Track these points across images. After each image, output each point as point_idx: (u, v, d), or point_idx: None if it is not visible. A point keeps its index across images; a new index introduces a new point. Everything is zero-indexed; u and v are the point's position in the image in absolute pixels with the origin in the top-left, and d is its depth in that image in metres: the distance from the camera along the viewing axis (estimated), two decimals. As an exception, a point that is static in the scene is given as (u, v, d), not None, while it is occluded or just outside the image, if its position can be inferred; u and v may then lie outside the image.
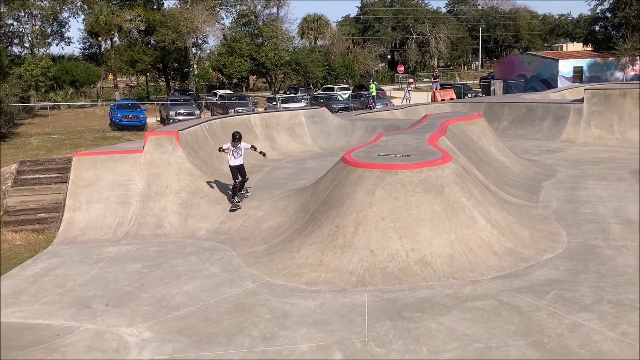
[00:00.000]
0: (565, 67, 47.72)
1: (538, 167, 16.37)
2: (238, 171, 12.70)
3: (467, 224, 9.72)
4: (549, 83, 46.35)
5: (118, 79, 56.96)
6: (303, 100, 37.91)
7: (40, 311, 8.69)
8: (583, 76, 47.96)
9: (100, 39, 50.68)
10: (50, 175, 15.97)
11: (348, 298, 8.41)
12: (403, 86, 46.25)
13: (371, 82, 36.81)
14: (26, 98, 39.49)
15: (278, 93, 48.69)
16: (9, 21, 43.06)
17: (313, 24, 64.46)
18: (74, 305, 8.82)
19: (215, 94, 42.66)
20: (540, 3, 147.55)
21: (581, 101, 21.88)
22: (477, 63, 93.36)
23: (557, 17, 72.70)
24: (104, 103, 40.43)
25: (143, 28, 49.90)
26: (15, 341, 7.66)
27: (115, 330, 7.87)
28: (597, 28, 55.45)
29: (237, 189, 12.77)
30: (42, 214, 14.19)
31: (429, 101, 37.19)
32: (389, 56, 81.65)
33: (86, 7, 49.05)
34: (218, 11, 54.44)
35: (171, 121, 29.64)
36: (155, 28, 48.10)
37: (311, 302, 8.35)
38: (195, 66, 51.49)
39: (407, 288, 8.56)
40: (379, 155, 11.64)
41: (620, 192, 13.18)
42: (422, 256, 9.16)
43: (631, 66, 48.75)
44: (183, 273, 9.97)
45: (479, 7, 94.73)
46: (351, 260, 9.31)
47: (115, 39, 51.56)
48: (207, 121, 19.33)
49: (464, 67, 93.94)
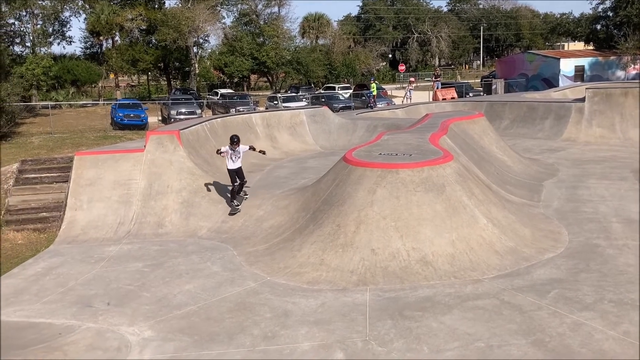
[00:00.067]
0: (566, 66, 47.66)
1: (539, 166, 16.36)
2: (236, 174, 12.57)
3: (469, 223, 9.72)
4: (551, 82, 46.29)
5: (119, 78, 56.95)
6: (304, 99, 37.92)
7: (41, 310, 8.71)
8: (584, 75, 47.89)
9: (101, 38, 50.73)
10: (51, 174, 16.00)
11: (349, 297, 8.41)
12: (404, 85, 46.18)
13: (372, 82, 36.81)
14: (28, 97, 39.52)
15: (279, 92, 48.68)
16: (11, 20, 43.15)
17: (314, 23, 64.43)
18: (76, 304, 8.84)
19: (216, 93, 42.66)
20: (541, 2, 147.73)
21: (583, 100, 21.86)
22: (479, 62, 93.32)
23: (559, 16, 72.52)
24: (106, 102, 40.45)
25: (144, 27, 49.91)
26: (17, 340, 7.68)
27: (116, 329, 7.88)
28: (599, 27, 55.37)
29: (236, 192, 12.68)
30: (44, 213, 14.21)
31: (430, 100, 37.16)
32: (390, 55, 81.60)
33: (87, 7, 49.11)
34: (219, 10, 54.45)
35: (172, 120, 29.66)
36: (156, 27, 48.14)
37: (312, 301, 8.35)
38: (196, 65, 51.52)
39: (408, 287, 8.56)
40: (380, 154, 11.64)
41: (621, 191, 13.18)
42: (423, 255, 9.16)
43: (633, 65, 48.65)
44: (184, 272, 9.98)
45: (481, 6, 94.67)
46: (352, 259, 9.31)
47: (116, 38, 51.60)
48: (209, 120, 19.35)
49: (465, 66, 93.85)
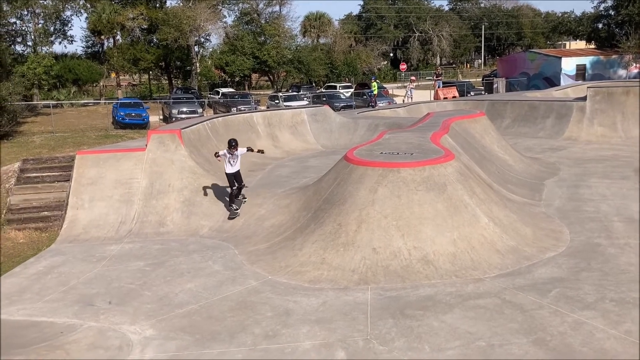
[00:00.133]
0: (568, 65, 47.64)
1: (541, 165, 16.34)
2: (234, 178, 12.38)
3: (470, 222, 9.72)
4: (552, 81, 46.28)
5: (121, 78, 57.01)
6: (305, 98, 37.94)
7: (43, 309, 8.72)
8: (586, 74, 47.87)
9: (102, 38, 50.79)
10: (53, 173, 16.04)
11: (350, 296, 8.41)
12: (405, 84, 46.15)
13: (373, 81, 36.81)
14: (29, 96, 39.58)
15: (280, 91, 48.70)
16: (12, 20, 43.20)
17: (315, 22, 64.45)
18: (77, 303, 8.85)
19: (217, 92, 42.69)
20: (543, 1, 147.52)
21: (584, 99, 21.83)
22: (480, 61, 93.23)
23: (560, 15, 72.48)
24: (107, 101, 40.47)
25: (145, 26, 49.94)
26: (18, 339, 7.69)
27: (118, 328, 7.89)
28: (600, 26, 55.35)
29: (235, 196, 12.54)
30: (45, 212, 14.24)
31: (432, 99, 37.15)
32: (392, 54, 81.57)
33: (89, 6, 49.16)
34: (220, 9, 54.46)
35: (174, 119, 29.70)
36: (157, 26, 48.17)
37: (314, 300, 8.36)
38: (197, 64, 51.54)
39: (410, 286, 8.56)
40: (382, 153, 11.63)
41: (623, 190, 13.16)
42: (425, 254, 9.16)
43: (634, 64, 48.61)
44: (186, 271, 9.99)
45: (482, 5, 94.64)
46: (353, 258, 9.31)
47: (117, 38, 51.65)
48: (210, 119, 19.34)
49: (467, 65, 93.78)
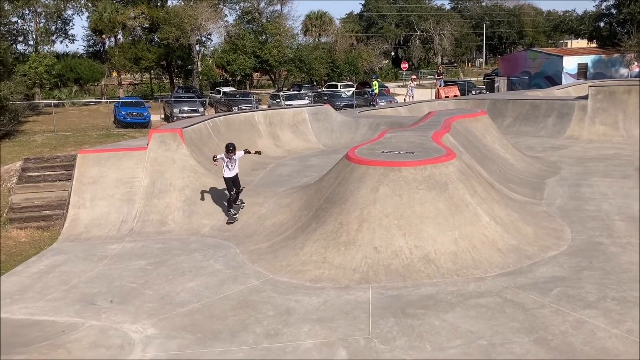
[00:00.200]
0: (569, 64, 47.55)
1: (542, 164, 16.33)
2: (232, 183, 12.26)
3: (471, 221, 9.72)
4: (553, 80, 46.20)
5: (122, 77, 57.06)
6: (306, 97, 37.89)
7: (45, 308, 8.74)
8: (587, 73, 47.78)
9: (104, 37, 50.79)
10: (54, 172, 16.07)
11: (352, 295, 8.42)
12: (407, 83, 46.11)
13: (373, 79, 36.78)
14: (30, 96, 39.62)
15: (282, 90, 48.68)
16: (14, 19, 43.26)
17: (316, 21, 64.41)
18: (79, 302, 8.87)
19: (219, 92, 42.63)
20: (544, 0, 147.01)
21: (586, 98, 21.78)
22: (481, 60, 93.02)
23: (562, 14, 72.47)
24: (108, 100, 40.49)
25: (147, 25, 49.93)
26: (20, 337, 7.70)
27: (119, 326, 7.90)
28: (602, 24, 55.26)
29: (233, 201, 12.38)
30: (47, 211, 14.27)
31: (433, 98, 37.12)
32: (393, 53, 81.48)
33: (90, 5, 49.19)
34: (221, 8, 54.38)
35: (175, 118, 29.70)
36: (159, 25, 48.16)
37: (315, 299, 8.36)
38: (199, 63, 51.51)
39: (411, 285, 8.57)
40: (383, 152, 11.63)
41: (624, 189, 13.14)
42: (426, 253, 9.16)
43: (636, 63, 48.50)
44: (187, 270, 10.00)
45: (483, 4, 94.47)
46: (355, 257, 9.32)
47: (119, 37, 51.66)
48: (211, 118, 19.36)
49: (468, 64, 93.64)
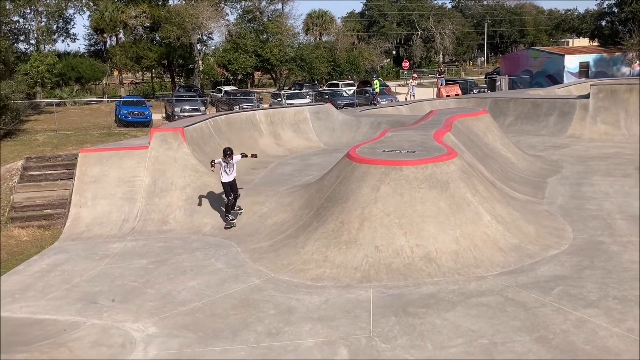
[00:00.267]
0: (571, 63, 47.45)
1: (543, 163, 16.32)
2: (230, 187, 12.08)
3: (473, 220, 9.71)
4: (555, 79, 46.12)
5: (123, 76, 57.10)
6: (308, 96, 37.87)
7: (47, 306, 8.75)
8: (589, 71, 47.69)
9: (105, 36, 50.84)
10: (56, 171, 16.08)
11: (353, 294, 8.42)
12: (408, 82, 46.07)
13: (374, 78, 36.74)
14: (32, 95, 39.67)
15: (283, 89, 48.68)
16: (15, 18, 43.31)
17: (318, 20, 64.41)
18: (80, 300, 8.88)
19: (220, 90, 42.67)
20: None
21: (587, 97, 21.75)
22: (483, 58, 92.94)
23: (563, 12, 72.42)
24: (110, 99, 40.50)
25: (148, 24, 49.95)
26: (22, 336, 7.72)
27: (121, 325, 7.91)
28: (604, 23, 55.16)
29: (231, 207, 12.21)
30: (48, 210, 14.28)
31: (434, 97, 37.08)
32: (394, 52, 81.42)
33: (91, 4, 49.23)
34: (223, 7, 54.42)
35: (176, 117, 29.71)
36: (160, 24, 48.18)
37: (316, 298, 8.37)
38: (200, 62, 51.52)
39: (412, 284, 8.57)
40: (384, 151, 11.62)
41: (626, 188, 13.12)
42: (427, 252, 9.16)
43: (638, 61, 48.41)
44: (189, 269, 10.01)
45: (485, 3, 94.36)
46: (356, 256, 9.32)
47: (120, 36, 51.72)
48: (212, 117, 19.37)
49: (470, 63, 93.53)
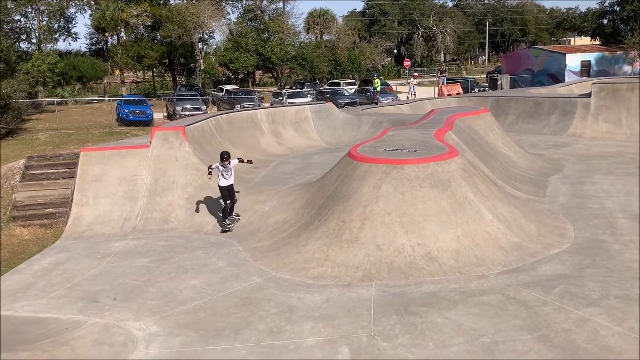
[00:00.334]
0: (572, 61, 47.38)
1: (545, 162, 16.31)
2: (228, 192, 11.88)
3: (474, 219, 9.71)
4: (557, 77, 46.06)
5: (125, 75, 57.08)
6: (309, 95, 37.86)
7: (48, 305, 8.77)
8: (591, 70, 47.60)
9: (106, 35, 50.86)
10: (57, 170, 16.10)
11: (354, 292, 8.42)
12: (409, 80, 46.00)
13: (375, 77, 36.70)
14: (34, 94, 39.68)
15: (284, 88, 48.66)
16: (17, 17, 43.28)
17: (319, 19, 64.37)
18: (82, 299, 8.90)
19: (221, 89, 42.64)
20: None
21: (589, 95, 21.74)
22: (484, 57, 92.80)
23: (565, 11, 72.19)
24: (111, 98, 40.52)
25: (149, 23, 49.93)
26: (24, 335, 7.73)
27: (122, 324, 7.92)
28: (605, 21, 55.03)
29: (229, 212, 12.02)
30: (50, 209, 14.30)
31: (436, 96, 37.04)
32: (396, 51, 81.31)
33: (93, 3, 49.21)
34: (224, 6, 54.39)
35: (178, 116, 29.69)
36: (161, 23, 48.16)
37: (317, 297, 8.37)
38: (201, 61, 51.51)
39: (414, 283, 8.57)
40: (385, 150, 11.63)
41: (628, 187, 13.11)
42: (429, 251, 9.16)
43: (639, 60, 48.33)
44: (190, 267, 10.03)
45: (486, 1, 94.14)
46: (357, 254, 9.32)
47: (121, 35, 51.70)
48: (214, 116, 19.37)
49: (471, 62, 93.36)
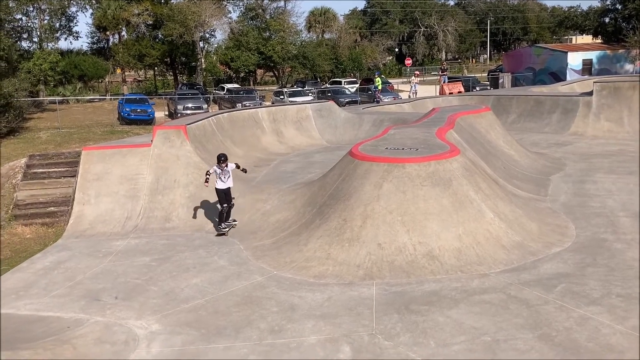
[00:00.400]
0: (574, 60, 47.30)
1: (546, 161, 16.29)
2: (225, 195, 11.63)
3: (475, 218, 9.71)
4: (558, 76, 46.00)
5: (126, 73, 57.13)
6: (310, 93, 37.86)
7: (50, 304, 8.79)
8: (592, 69, 47.53)
9: (108, 33, 50.88)
10: (59, 169, 16.09)
11: (356, 291, 8.43)
12: (410, 79, 45.98)
13: (377, 76, 36.71)
14: (35, 92, 39.68)
15: (285, 87, 48.65)
16: (18, 16, 43.27)
17: (320, 17, 64.35)
18: (84, 298, 8.91)
19: (222, 88, 42.66)
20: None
21: (590, 94, 21.71)
22: (486, 56, 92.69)
23: (566, 9, 72.10)
24: (112, 97, 40.56)
25: (151, 22, 49.95)
26: (25, 333, 7.75)
27: (124, 322, 7.94)
28: (607, 20, 54.95)
29: (226, 216, 11.75)
30: (52, 208, 14.29)
31: (437, 94, 37.03)
32: (397, 49, 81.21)
33: (94, 2, 49.22)
34: (225, 5, 54.37)
35: (179, 115, 29.69)
36: (162, 22, 48.16)
37: (319, 295, 8.38)
38: (202, 60, 51.51)
39: (415, 281, 8.57)
40: (387, 148, 11.62)
41: (629, 186, 13.09)
42: (430, 249, 9.16)
43: (641, 58, 48.24)
44: (191, 266, 10.03)
45: (487, 0, 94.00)
46: (359, 253, 9.32)
47: (123, 33, 51.72)
48: (215, 115, 19.38)
49: (472, 60, 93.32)
